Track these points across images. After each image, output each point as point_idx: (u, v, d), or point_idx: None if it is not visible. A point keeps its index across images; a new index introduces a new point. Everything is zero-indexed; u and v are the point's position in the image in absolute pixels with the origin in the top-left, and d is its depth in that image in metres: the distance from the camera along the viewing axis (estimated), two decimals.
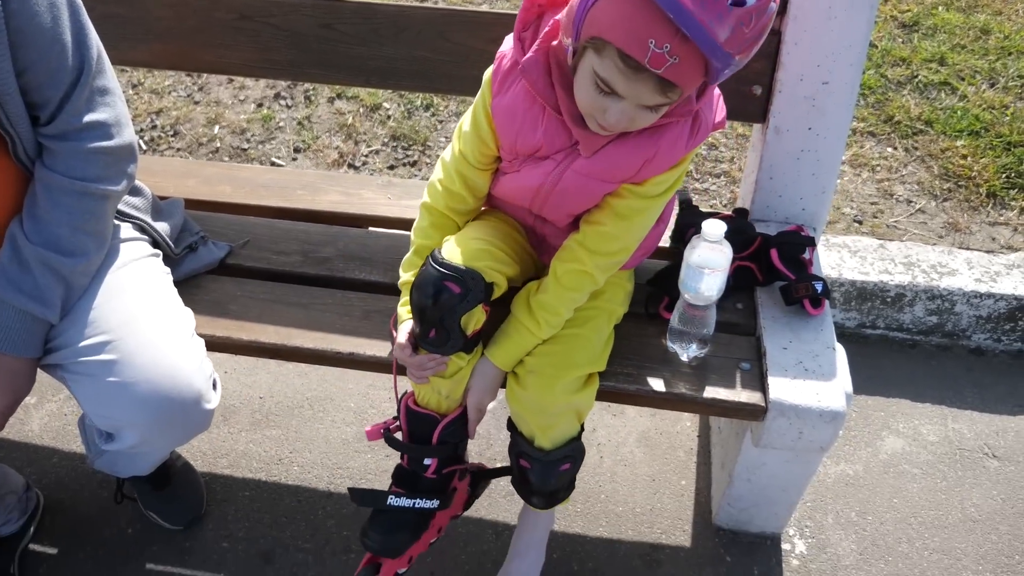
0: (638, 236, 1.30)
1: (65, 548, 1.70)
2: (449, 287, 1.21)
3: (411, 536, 1.38)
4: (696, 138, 1.19)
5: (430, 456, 1.37)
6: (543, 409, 1.32)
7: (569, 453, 1.37)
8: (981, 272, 2.07)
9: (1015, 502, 1.79)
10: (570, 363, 1.30)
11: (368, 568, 1.40)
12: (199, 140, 2.68)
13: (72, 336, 1.29)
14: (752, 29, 0.97)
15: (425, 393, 1.36)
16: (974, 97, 2.68)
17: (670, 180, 1.24)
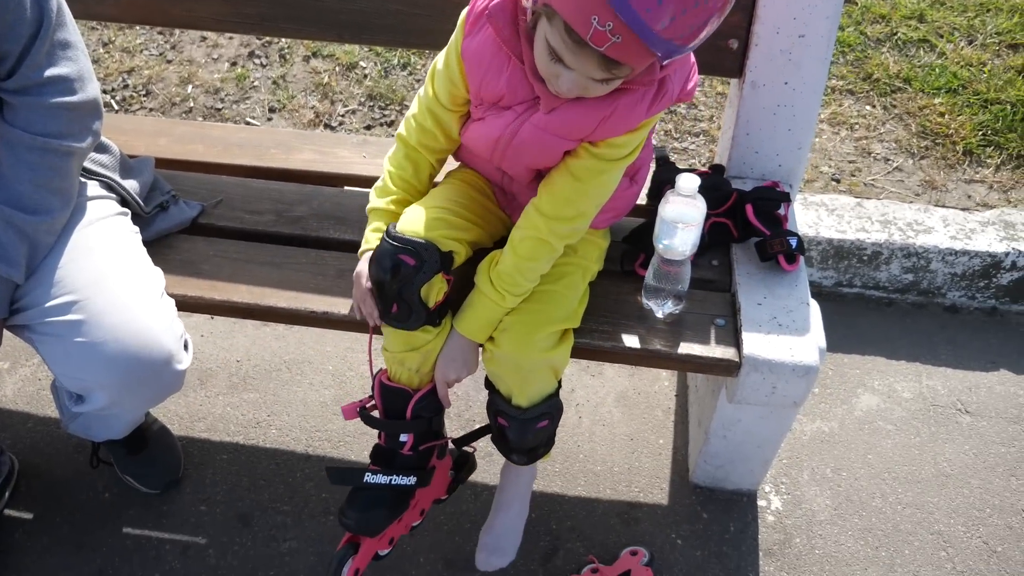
0: (595, 201, 1.27)
1: (41, 513, 1.69)
2: (404, 260, 1.22)
3: (389, 514, 1.37)
4: (658, 104, 1.17)
5: (405, 431, 1.36)
6: (519, 366, 1.31)
7: (546, 411, 1.37)
8: (956, 230, 2.08)
9: (986, 456, 1.82)
10: (544, 319, 1.29)
11: (347, 547, 1.38)
12: (172, 100, 2.63)
13: (38, 296, 1.26)
14: (696, 15, 0.96)
15: (396, 369, 1.36)
16: (952, 54, 2.67)
17: (629, 145, 1.22)
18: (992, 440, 1.85)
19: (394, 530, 1.43)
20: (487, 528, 1.54)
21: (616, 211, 1.44)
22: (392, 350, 1.34)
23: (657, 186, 1.58)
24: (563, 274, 1.34)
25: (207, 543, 1.65)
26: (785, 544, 1.66)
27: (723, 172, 1.63)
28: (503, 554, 1.52)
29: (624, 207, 1.46)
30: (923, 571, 1.62)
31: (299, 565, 1.61)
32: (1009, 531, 1.68)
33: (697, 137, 2.48)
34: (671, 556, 1.64)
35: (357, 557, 1.38)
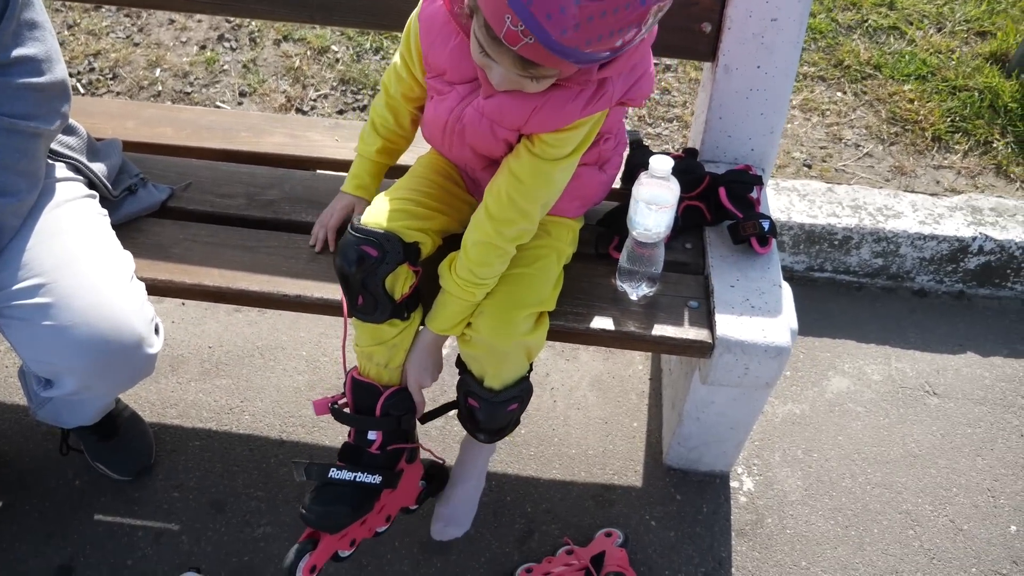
0: (538, 201, 1.25)
1: (10, 501, 1.67)
2: (366, 251, 1.23)
3: (351, 512, 1.34)
4: (594, 105, 1.15)
5: (374, 428, 1.36)
6: (494, 349, 1.31)
7: (517, 394, 1.38)
8: (925, 214, 2.11)
9: (953, 437, 1.85)
10: (519, 303, 1.30)
11: (306, 541, 1.34)
12: (140, 83, 2.58)
13: (5, 279, 1.24)
14: (607, 23, 0.94)
15: (364, 364, 1.37)
16: (922, 41, 2.70)
17: (565, 144, 1.20)
18: (959, 421, 1.88)
19: (356, 531, 1.41)
20: (444, 500, 1.55)
21: (585, 200, 1.44)
22: (360, 345, 1.35)
23: (631, 169, 1.58)
24: (537, 257, 1.34)
25: (180, 529, 1.64)
26: (757, 524, 1.69)
27: (696, 156, 1.64)
28: (458, 525, 1.55)
29: (594, 195, 1.45)
30: (891, 549, 1.66)
31: (274, 550, 1.61)
32: (975, 509, 1.72)
33: (670, 123, 2.49)
34: (645, 537, 1.65)
35: (315, 553, 1.35)
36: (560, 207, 1.36)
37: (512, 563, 1.59)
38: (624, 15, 0.94)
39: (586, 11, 0.92)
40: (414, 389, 1.39)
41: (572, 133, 1.19)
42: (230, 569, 1.58)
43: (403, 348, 1.35)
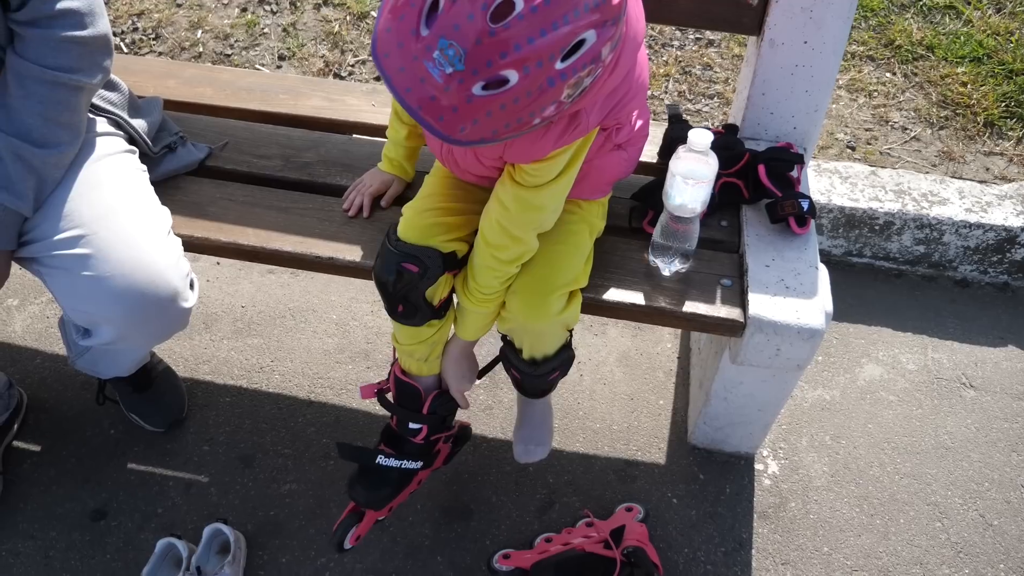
0: (529, 227, 1.22)
1: (48, 446, 1.72)
2: (407, 268, 1.24)
3: (394, 492, 1.44)
4: (569, 136, 1.09)
5: (419, 423, 1.42)
6: (529, 329, 1.33)
7: (557, 365, 1.39)
8: (972, 202, 2.05)
9: (988, 431, 1.81)
10: (553, 284, 1.28)
11: (351, 516, 1.47)
12: (181, 44, 2.60)
13: (47, 229, 1.27)
14: (517, 110, 0.86)
15: (405, 360, 1.40)
16: (979, 22, 2.61)
17: (546, 173, 1.15)
18: (995, 415, 1.84)
19: (395, 502, 1.50)
20: (519, 424, 1.59)
21: (609, 182, 1.40)
22: (401, 342, 1.38)
23: (669, 143, 1.56)
24: (570, 232, 1.33)
25: (209, 482, 1.67)
26: (780, 508, 1.67)
27: (736, 132, 1.61)
28: (541, 444, 1.58)
29: (617, 175, 1.40)
30: (917, 540, 1.63)
31: (299, 506, 1.64)
32: (1007, 505, 1.69)
33: (711, 100, 2.45)
34: (666, 514, 1.65)
35: (360, 525, 1.48)
36: (585, 193, 1.34)
37: (532, 532, 1.61)
38: (530, 101, 0.86)
39: (480, 108, 0.85)
40: (456, 394, 1.44)
41: (552, 162, 1.14)
42: (256, 522, 1.61)
43: (441, 342, 1.39)
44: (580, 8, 0.83)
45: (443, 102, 0.84)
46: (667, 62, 2.56)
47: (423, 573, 1.56)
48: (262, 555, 1.57)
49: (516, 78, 0.83)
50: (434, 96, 0.84)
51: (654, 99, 2.44)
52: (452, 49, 0.81)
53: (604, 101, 1.10)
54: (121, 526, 1.60)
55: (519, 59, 0.82)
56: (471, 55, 0.81)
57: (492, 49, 0.81)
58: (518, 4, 0.80)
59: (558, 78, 0.85)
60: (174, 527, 1.60)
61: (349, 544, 1.49)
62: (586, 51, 0.86)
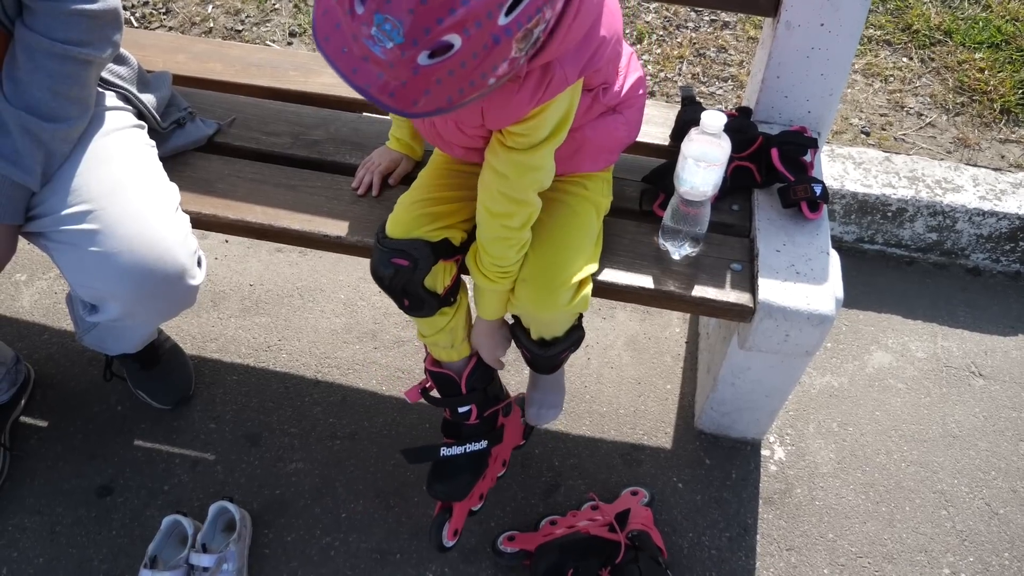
0: (529, 188, 1.19)
1: (55, 422, 1.73)
2: (398, 263, 1.24)
3: (471, 478, 1.45)
4: (546, 93, 1.05)
5: (464, 404, 1.43)
6: (538, 319, 1.33)
7: (566, 346, 1.38)
8: (986, 190, 2.03)
9: (996, 420, 1.80)
10: (563, 276, 1.25)
11: (442, 512, 1.48)
12: (192, 19, 2.59)
13: (54, 204, 1.26)
14: (468, 73, 0.83)
15: (434, 350, 1.42)
16: (998, 7, 2.57)
17: (537, 130, 1.11)
18: (1004, 404, 1.83)
19: (481, 487, 1.52)
20: (531, 387, 1.59)
21: (611, 150, 1.36)
22: (425, 335, 1.40)
23: (681, 126, 1.54)
24: (575, 214, 1.31)
25: (215, 460, 1.68)
26: (786, 494, 1.67)
27: (750, 115, 1.59)
28: (553, 406, 1.58)
29: (618, 143, 1.35)
30: (922, 528, 1.63)
31: (305, 486, 1.64)
32: (1013, 494, 1.68)
33: (725, 82, 2.42)
34: (671, 498, 1.65)
35: (453, 520, 1.49)
36: (586, 164, 1.32)
37: (537, 514, 1.61)
38: (478, 62, 0.83)
39: (428, 77, 0.82)
40: (491, 361, 1.44)
41: (539, 120, 1.09)
42: (262, 501, 1.62)
43: (460, 326, 1.39)
44: None
45: (390, 78, 0.82)
46: (681, 44, 2.53)
47: (428, 554, 1.56)
48: (267, 533, 1.58)
49: (459, 41, 0.80)
50: (381, 73, 0.82)
51: (667, 81, 2.41)
52: (388, 23, 0.78)
53: (577, 50, 1.03)
54: (127, 502, 1.61)
55: (457, 22, 0.79)
56: (408, 26, 0.78)
57: (428, 16, 0.78)
58: None
59: (503, 34, 0.82)
60: (180, 504, 1.61)
61: (448, 541, 1.49)
62: (529, 1, 0.83)
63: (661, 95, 2.37)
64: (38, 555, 1.54)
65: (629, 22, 2.60)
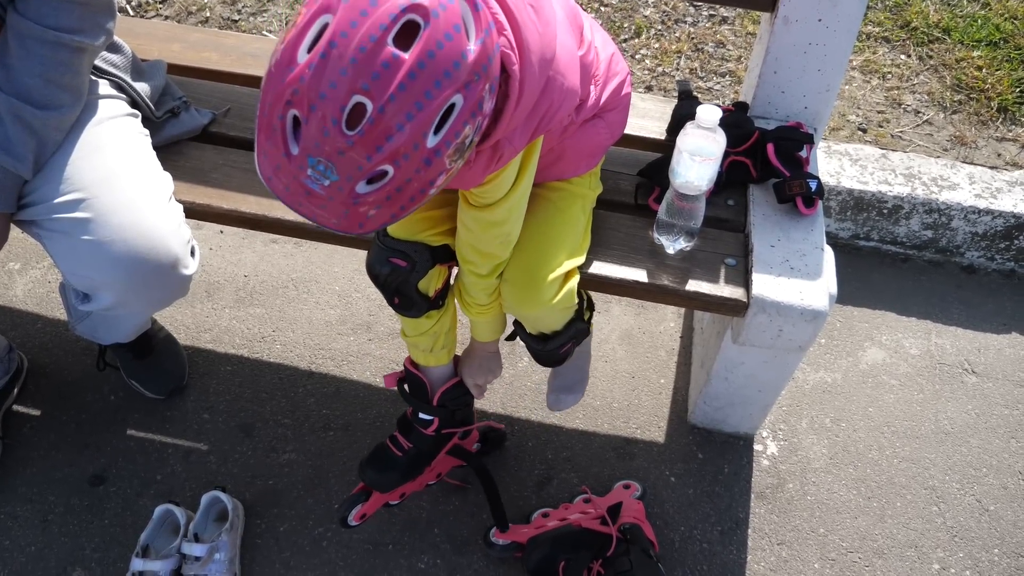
0: (494, 241, 1.22)
1: (48, 411, 1.73)
2: (396, 263, 1.25)
3: (401, 478, 1.46)
4: (497, 164, 1.06)
5: (428, 414, 1.44)
6: (524, 316, 1.33)
7: (566, 340, 1.38)
8: (982, 188, 2.03)
9: (988, 417, 1.81)
10: (544, 271, 1.24)
11: (360, 493, 1.49)
12: (188, 8, 2.57)
13: (46, 192, 1.26)
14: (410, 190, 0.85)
15: (413, 351, 1.42)
16: (997, 6, 2.56)
17: (495, 191, 1.13)
18: (996, 402, 1.84)
19: (407, 488, 1.52)
20: (552, 373, 1.60)
21: (594, 153, 1.35)
22: (408, 334, 1.40)
23: (677, 120, 1.54)
24: (558, 211, 1.30)
25: (209, 450, 1.68)
26: (777, 488, 1.67)
27: (746, 110, 1.59)
28: (572, 392, 1.59)
29: (602, 146, 1.35)
30: (913, 523, 1.63)
31: (297, 476, 1.64)
32: (1003, 491, 1.69)
33: (723, 77, 2.42)
34: (663, 492, 1.65)
35: (366, 504, 1.50)
36: (568, 171, 1.32)
37: (529, 506, 1.61)
38: (415, 182, 0.85)
39: (369, 203, 0.84)
40: (472, 386, 1.45)
41: (495, 183, 1.11)
42: (254, 491, 1.62)
43: (443, 332, 1.39)
44: (432, 88, 0.80)
45: (332, 208, 0.85)
46: (679, 39, 2.52)
47: (420, 545, 1.56)
48: (260, 524, 1.58)
49: (392, 170, 0.83)
50: (323, 205, 0.84)
51: (665, 76, 2.41)
52: (321, 164, 0.81)
53: (524, 125, 1.03)
54: (120, 492, 1.61)
55: (387, 155, 0.81)
56: (340, 166, 0.81)
57: (358, 155, 0.80)
58: (368, 106, 0.79)
59: (434, 155, 0.84)
60: (172, 494, 1.61)
61: (354, 521, 1.50)
62: (457, 115, 0.83)
63: (659, 89, 2.37)
64: (30, 543, 1.54)
65: (627, 16, 2.59)
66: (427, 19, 0.79)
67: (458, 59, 0.81)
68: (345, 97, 0.78)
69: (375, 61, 0.77)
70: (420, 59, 0.79)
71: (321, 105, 0.78)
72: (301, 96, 0.79)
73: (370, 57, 0.77)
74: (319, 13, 0.79)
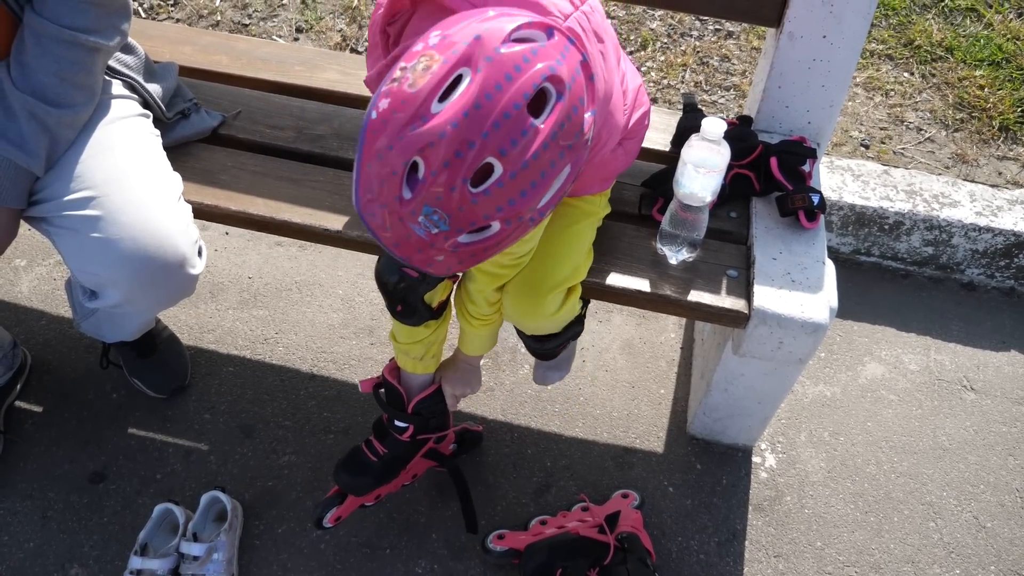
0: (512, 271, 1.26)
1: (51, 407, 1.73)
2: (407, 273, 1.26)
3: (375, 482, 1.47)
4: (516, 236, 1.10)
5: (403, 421, 1.44)
6: (525, 326, 1.35)
7: (564, 340, 1.40)
8: (983, 206, 2.05)
9: (986, 434, 1.82)
10: (548, 284, 1.27)
11: (335, 496, 1.49)
12: (199, 12, 2.60)
13: (57, 189, 1.27)
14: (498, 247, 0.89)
15: (401, 358, 1.41)
16: (1000, 26, 2.59)
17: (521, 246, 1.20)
18: (994, 419, 1.84)
19: (382, 490, 1.52)
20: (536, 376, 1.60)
21: (609, 175, 1.38)
22: (399, 341, 1.39)
23: (682, 132, 1.55)
24: (567, 224, 1.31)
25: (209, 450, 1.68)
26: (775, 501, 1.68)
27: (750, 124, 1.60)
28: (558, 370, 1.59)
29: (617, 169, 1.38)
30: (910, 539, 1.64)
31: (297, 478, 1.65)
32: (1001, 508, 1.69)
33: (727, 91, 2.43)
34: (661, 502, 1.66)
35: (341, 507, 1.49)
36: (583, 191, 1.33)
37: (527, 513, 1.61)
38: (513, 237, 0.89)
39: (465, 252, 0.88)
40: (448, 397, 1.45)
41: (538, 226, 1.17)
42: (254, 492, 1.62)
43: (436, 342, 1.40)
44: (557, 158, 0.84)
45: (431, 253, 0.87)
46: (685, 52, 2.54)
47: (418, 550, 1.57)
48: (258, 524, 1.58)
49: (498, 226, 0.86)
50: (421, 249, 0.87)
51: (670, 89, 2.43)
52: (436, 215, 0.83)
53: None
54: (119, 490, 1.62)
55: (502, 216, 0.85)
56: (454, 219, 0.83)
57: (475, 212, 0.83)
58: (496, 169, 0.81)
59: (539, 215, 0.88)
60: (172, 493, 1.61)
61: (328, 523, 1.49)
62: (564, 181, 0.88)
63: (663, 102, 2.38)
64: (28, 539, 1.54)
65: (634, 28, 2.61)
66: (562, 92, 0.82)
67: (579, 131, 0.85)
68: (480, 158, 0.80)
69: (516, 128, 0.80)
70: (554, 130, 0.82)
71: (455, 163, 0.80)
72: (437, 150, 0.80)
73: (513, 124, 0.80)
74: (458, 65, 0.80)
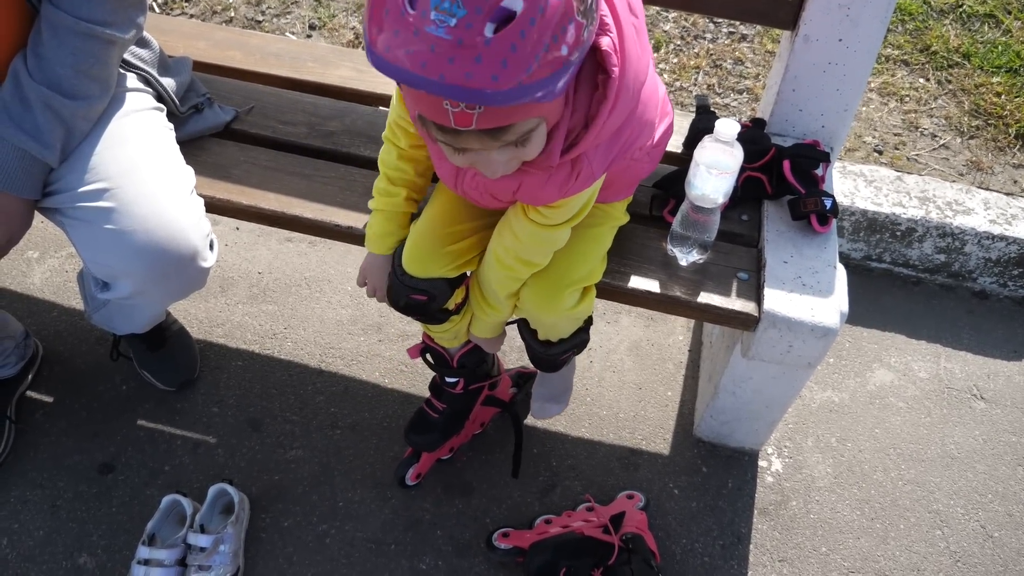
0: (540, 255, 1.24)
1: (61, 398, 1.75)
2: (416, 299, 1.29)
3: (442, 437, 1.58)
4: (573, 187, 1.08)
5: (452, 376, 1.53)
6: (541, 321, 1.35)
7: (570, 348, 1.40)
8: (997, 214, 2.03)
9: (996, 444, 1.80)
10: (565, 279, 1.28)
11: (411, 456, 1.62)
12: (213, 8, 2.61)
13: (71, 181, 1.28)
14: (537, 35, 0.78)
15: (437, 335, 1.46)
16: (1018, 32, 2.57)
17: (560, 214, 1.16)
18: (1004, 428, 1.83)
19: (453, 442, 1.63)
20: (538, 382, 1.62)
21: (632, 182, 1.37)
22: (430, 331, 1.45)
23: (695, 134, 1.55)
24: (590, 224, 1.31)
25: (217, 443, 1.69)
26: (781, 505, 1.67)
27: (764, 127, 1.60)
28: (557, 402, 1.61)
29: (640, 176, 1.37)
30: (916, 547, 1.63)
31: (304, 473, 1.65)
32: (1009, 518, 1.68)
33: (740, 94, 2.43)
34: (667, 504, 1.66)
35: (419, 464, 1.62)
36: (610, 197, 1.33)
37: (532, 513, 1.61)
38: (546, 21, 0.78)
39: (501, 45, 0.77)
40: (486, 346, 1.49)
41: (564, 209, 1.14)
42: (261, 486, 1.63)
43: (464, 326, 1.43)
44: None
45: (462, 56, 0.78)
46: (698, 54, 2.54)
47: (422, 546, 1.57)
48: (265, 518, 1.59)
49: (521, 4, 0.77)
50: (452, 57, 0.77)
51: (683, 91, 2.42)
52: (447, 2, 0.76)
53: (607, 146, 1.04)
54: (128, 480, 1.63)
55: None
56: None
57: None
58: None
59: None
60: (180, 485, 1.62)
61: (411, 481, 1.61)
62: None
63: (676, 104, 2.38)
64: (38, 528, 1.55)
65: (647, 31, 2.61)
66: None
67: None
68: None
69: None
70: None
71: None
72: None
73: None
74: None
